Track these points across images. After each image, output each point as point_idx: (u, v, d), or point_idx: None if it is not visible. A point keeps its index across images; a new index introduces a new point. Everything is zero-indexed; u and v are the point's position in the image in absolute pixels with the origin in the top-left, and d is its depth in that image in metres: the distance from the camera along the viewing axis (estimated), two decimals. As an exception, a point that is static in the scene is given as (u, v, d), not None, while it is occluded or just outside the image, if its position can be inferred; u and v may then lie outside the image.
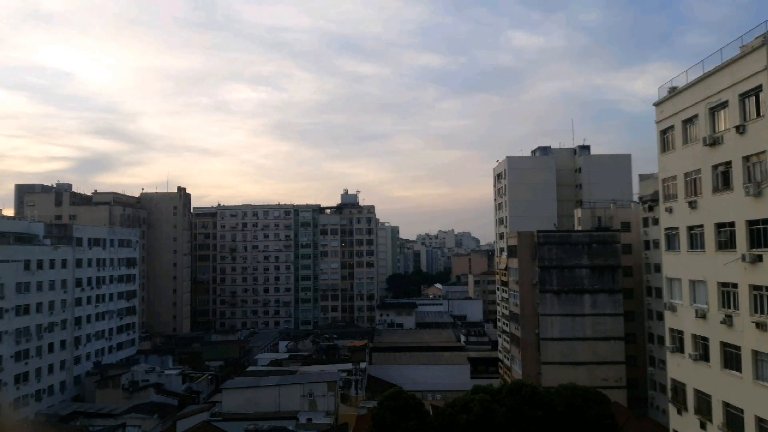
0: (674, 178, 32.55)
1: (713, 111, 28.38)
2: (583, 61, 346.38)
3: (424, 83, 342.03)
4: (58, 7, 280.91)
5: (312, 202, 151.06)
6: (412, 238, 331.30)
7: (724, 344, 27.50)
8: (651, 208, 63.77)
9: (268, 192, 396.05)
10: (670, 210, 33.02)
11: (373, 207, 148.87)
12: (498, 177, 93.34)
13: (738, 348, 26.36)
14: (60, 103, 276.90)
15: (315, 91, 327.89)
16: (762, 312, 24.91)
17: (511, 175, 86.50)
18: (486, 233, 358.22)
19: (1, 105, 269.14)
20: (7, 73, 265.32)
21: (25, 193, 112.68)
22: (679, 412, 32.07)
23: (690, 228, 30.78)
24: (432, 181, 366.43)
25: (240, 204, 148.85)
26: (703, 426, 29.18)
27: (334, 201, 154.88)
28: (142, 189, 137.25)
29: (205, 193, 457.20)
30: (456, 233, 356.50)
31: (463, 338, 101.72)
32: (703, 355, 29.40)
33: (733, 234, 26.70)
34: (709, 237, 28.60)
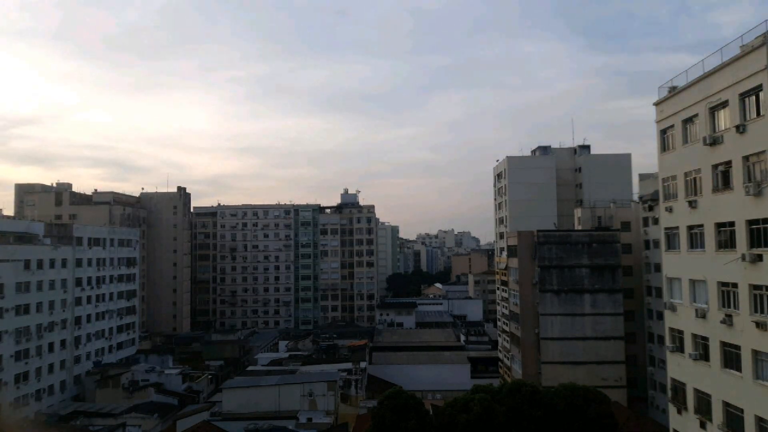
0: (674, 177, 32.56)
1: (713, 110, 28.38)
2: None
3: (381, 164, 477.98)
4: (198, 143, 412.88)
5: (312, 201, 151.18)
6: (412, 237, 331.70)
7: (724, 344, 27.51)
8: (651, 208, 63.75)
9: (272, 191, 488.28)
10: (670, 209, 33.02)
11: (373, 207, 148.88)
12: (498, 177, 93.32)
13: (738, 347, 26.36)
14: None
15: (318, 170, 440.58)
16: (762, 312, 24.91)
17: (511, 175, 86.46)
18: (486, 233, 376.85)
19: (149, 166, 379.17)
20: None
21: (25, 193, 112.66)
22: (679, 411, 32.08)
23: (690, 227, 30.78)
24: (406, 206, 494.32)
25: (240, 204, 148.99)
26: (703, 425, 29.19)
27: (334, 200, 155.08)
28: (142, 188, 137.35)
29: (207, 193, 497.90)
30: (456, 233, 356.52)
31: (463, 338, 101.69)
32: (703, 355, 29.41)
33: (733, 233, 26.70)
34: (709, 236, 28.60)
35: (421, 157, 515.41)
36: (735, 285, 26.57)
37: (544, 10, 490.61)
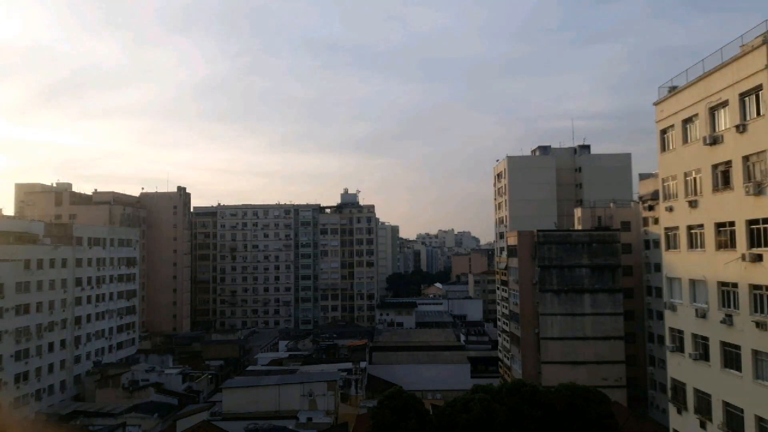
0: (674, 177, 32.57)
1: (713, 110, 28.38)
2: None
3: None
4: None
5: (312, 201, 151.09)
6: (412, 237, 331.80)
7: (724, 344, 27.51)
8: (651, 208, 63.77)
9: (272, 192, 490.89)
10: (670, 209, 33.02)
11: (373, 206, 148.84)
12: (498, 176, 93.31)
13: (738, 347, 26.37)
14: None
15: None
16: (762, 311, 24.91)
17: (511, 175, 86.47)
18: (486, 233, 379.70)
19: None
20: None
21: (25, 192, 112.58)
22: (679, 411, 32.08)
23: (690, 227, 30.79)
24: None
25: (240, 203, 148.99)
26: (703, 425, 29.19)
27: (334, 200, 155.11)
28: (143, 188, 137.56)
29: (206, 192, 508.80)
30: (456, 233, 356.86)
31: (463, 338, 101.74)
32: (703, 355, 29.41)
33: (733, 233, 26.70)
34: (709, 236, 28.60)
35: (408, 176, 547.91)
36: (735, 285, 26.57)
37: (472, 100, 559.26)
